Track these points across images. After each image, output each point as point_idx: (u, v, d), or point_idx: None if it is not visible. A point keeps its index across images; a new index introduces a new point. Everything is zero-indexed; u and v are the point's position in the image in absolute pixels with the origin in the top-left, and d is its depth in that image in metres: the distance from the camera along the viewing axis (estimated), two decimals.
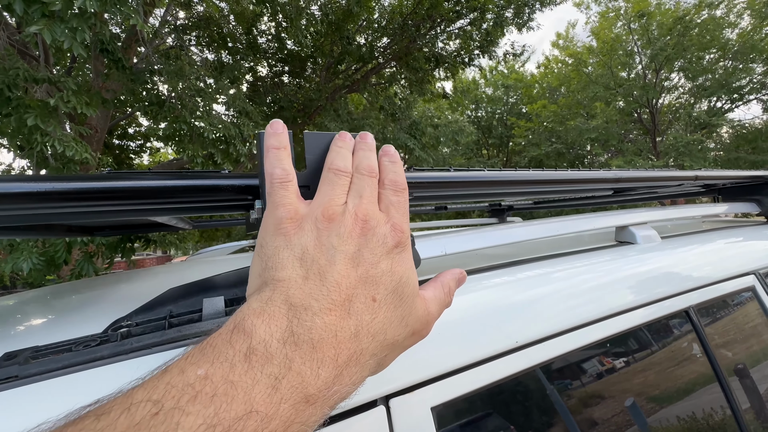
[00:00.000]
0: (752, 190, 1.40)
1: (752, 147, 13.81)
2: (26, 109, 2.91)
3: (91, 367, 0.42)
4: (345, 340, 0.30)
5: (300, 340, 0.28)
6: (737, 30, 13.74)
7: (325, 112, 8.07)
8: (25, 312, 0.75)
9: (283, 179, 0.36)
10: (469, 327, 0.56)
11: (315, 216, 0.34)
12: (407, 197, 0.40)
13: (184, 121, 4.05)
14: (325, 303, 0.30)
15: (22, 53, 3.99)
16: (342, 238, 0.33)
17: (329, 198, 0.36)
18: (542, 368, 0.60)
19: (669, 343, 0.79)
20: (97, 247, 3.31)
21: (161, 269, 1.05)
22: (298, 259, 0.32)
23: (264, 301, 0.30)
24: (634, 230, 0.99)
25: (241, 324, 0.28)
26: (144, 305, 0.51)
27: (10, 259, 2.80)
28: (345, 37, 7.71)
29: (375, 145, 0.42)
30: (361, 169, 0.39)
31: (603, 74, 15.43)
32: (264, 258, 0.34)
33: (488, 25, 8.46)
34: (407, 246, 0.37)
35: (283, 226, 0.34)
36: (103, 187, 0.43)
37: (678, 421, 0.72)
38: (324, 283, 0.31)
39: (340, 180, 0.37)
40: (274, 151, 0.37)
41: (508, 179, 0.69)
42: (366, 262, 0.33)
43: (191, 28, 7.08)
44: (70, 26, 2.62)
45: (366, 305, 0.32)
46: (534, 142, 18.11)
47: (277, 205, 0.35)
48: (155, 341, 0.45)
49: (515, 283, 0.68)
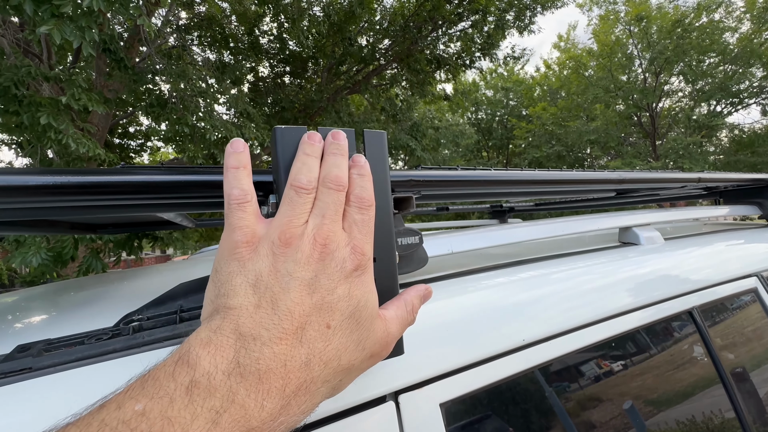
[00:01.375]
0: (754, 193, 1.40)
1: (751, 151, 13.84)
2: (38, 107, 2.91)
3: (103, 360, 0.42)
4: (294, 370, 0.29)
5: (246, 371, 0.27)
6: (737, 34, 13.80)
7: (326, 113, 8.08)
8: (36, 307, 0.76)
9: (240, 200, 0.35)
10: (478, 324, 0.56)
11: (272, 239, 0.33)
12: (373, 214, 0.38)
13: (186, 123, 4.05)
14: (276, 332, 0.29)
15: (25, 51, 4.00)
16: (299, 265, 0.32)
17: (288, 219, 0.34)
18: (548, 367, 0.60)
19: (672, 345, 0.80)
20: (105, 244, 3.31)
21: (168, 266, 1.05)
22: (251, 285, 0.31)
23: (212, 330, 0.29)
24: (638, 231, 1.00)
25: (186, 355, 0.28)
26: (155, 300, 0.51)
27: (18, 254, 2.81)
28: (347, 38, 7.73)
29: (347, 147, 0.39)
30: (328, 181, 0.36)
31: (603, 77, 15.47)
32: (217, 284, 0.33)
33: (489, 27, 8.49)
34: (367, 268, 0.36)
35: (238, 250, 0.33)
36: (115, 181, 0.43)
37: (682, 422, 0.72)
38: (276, 312, 0.30)
39: (301, 198, 0.35)
40: (233, 171, 0.35)
41: (515, 179, 0.69)
42: (322, 289, 0.32)
43: (193, 28, 7.10)
44: (79, 25, 2.63)
45: (319, 332, 0.31)
46: (534, 144, 18.15)
47: (233, 227, 0.34)
48: (166, 335, 0.46)
49: (520, 282, 0.68)
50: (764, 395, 0.87)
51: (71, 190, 0.40)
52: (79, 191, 0.41)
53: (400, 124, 9.20)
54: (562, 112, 16.93)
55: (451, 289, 0.61)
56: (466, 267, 0.70)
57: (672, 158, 12.66)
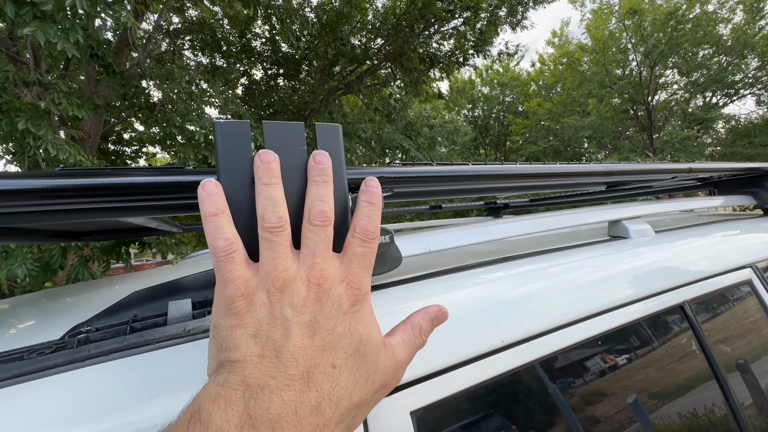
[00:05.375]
0: (748, 183, 1.38)
1: (748, 141, 13.83)
2: (17, 113, 2.87)
3: (42, 377, 0.39)
4: (306, 415, 0.29)
5: (258, 422, 0.28)
6: (731, 25, 13.79)
7: (320, 115, 8.05)
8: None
9: (227, 251, 0.33)
10: (452, 327, 0.53)
11: (266, 288, 0.33)
12: (376, 246, 0.37)
13: (174, 125, 4.01)
14: (283, 380, 0.30)
15: (13, 59, 3.96)
16: (296, 309, 0.32)
17: (274, 265, 0.33)
18: (528, 368, 0.57)
19: (663, 340, 0.77)
20: (92, 251, 3.27)
21: (138, 275, 1.02)
22: (252, 336, 0.31)
23: (220, 384, 0.29)
24: (627, 225, 0.97)
25: (197, 414, 0.28)
26: (106, 309, 0.48)
27: (4, 266, 2.77)
28: (339, 39, 7.69)
29: (331, 167, 0.37)
30: (313, 218, 0.35)
31: (597, 72, 15.44)
32: (218, 339, 0.32)
33: (482, 24, 8.46)
34: (365, 301, 0.36)
35: (234, 305, 0.32)
36: (56, 185, 0.40)
37: (674, 419, 0.70)
38: (280, 359, 0.30)
39: (278, 238, 0.34)
40: (212, 219, 0.33)
41: (492, 173, 0.66)
42: (323, 330, 0.32)
43: (185, 32, 7.06)
44: (63, 27, 2.59)
45: (326, 374, 0.31)
46: (531, 139, 18.12)
47: (225, 281, 0.32)
48: (115, 347, 0.43)
49: (500, 281, 0.66)
50: (759, 388, 0.84)
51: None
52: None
53: (394, 124, 9.17)
54: (558, 108, 16.90)
55: (423, 292, 0.58)
56: (442, 266, 0.67)
57: (669, 152, 12.64)
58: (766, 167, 1.28)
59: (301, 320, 0.32)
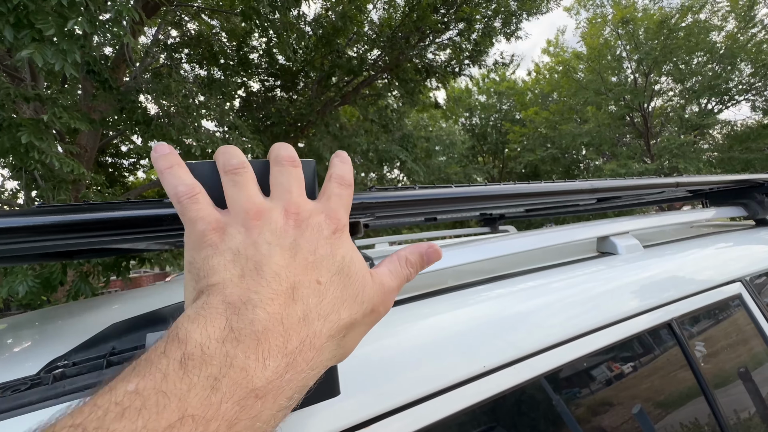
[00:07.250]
0: (739, 194, 1.39)
1: (745, 147, 13.89)
2: (18, 128, 2.90)
3: (15, 415, 0.39)
4: (293, 326, 0.29)
5: (242, 335, 0.27)
6: (723, 33, 13.95)
7: (316, 127, 8.10)
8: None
9: (189, 193, 0.33)
10: (431, 351, 0.53)
11: (240, 218, 0.33)
12: (351, 193, 0.39)
13: (171, 139, 4.04)
14: (266, 293, 0.29)
15: (11, 76, 3.99)
16: (275, 234, 0.32)
17: (246, 196, 0.34)
18: (512, 394, 0.57)
19: (649, 359, 0.77)
20: (93, 267, 3.27)
21: (128, 295, 1.01)
22: (231, 261, 0.31)
23: (199, 307, 0.28)
24: (615, 240, 0.97)
25: (174, 333, 0.27)
26: (84, 342, 0.48)
27: (5, 283, 2.77)
28: (335, 51, 7.77)
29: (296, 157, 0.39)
30: (281, 159, 0.36)
31: (593, 79, 15.57)
32: (194, 272, 0.32)
33: (477, 35, 8.56)
34: (345, 232, 0.36)
35: (206, 237, 0.32)
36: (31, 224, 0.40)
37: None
38: (262, 276, 0.30)
39: (241, 178, 0.34)
40: (168, 171, 0.34)
41: (474, 195, 0.67)
42: (304, 250, 0.32)
43: (182, 45, 7.13)
44: (61, 48, 2.62)
45: (311, 289, 0.31)
46: (529, 147, 18.19)
47: (194, 220, 0.32)
48: (91, 382, 0.43)
49: (480, 304, 0.65)
50: (749, 404, 0.83)
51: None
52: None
53: (391, 134, 9.22)
54: (555, 116, 17.01)
55: (400, 316, 0.57)
56: (419, 290, 0.67)
57: (666, 158, 12.69)
58: (755, 179, 1.28)
59: (281, 243, 0.32)
